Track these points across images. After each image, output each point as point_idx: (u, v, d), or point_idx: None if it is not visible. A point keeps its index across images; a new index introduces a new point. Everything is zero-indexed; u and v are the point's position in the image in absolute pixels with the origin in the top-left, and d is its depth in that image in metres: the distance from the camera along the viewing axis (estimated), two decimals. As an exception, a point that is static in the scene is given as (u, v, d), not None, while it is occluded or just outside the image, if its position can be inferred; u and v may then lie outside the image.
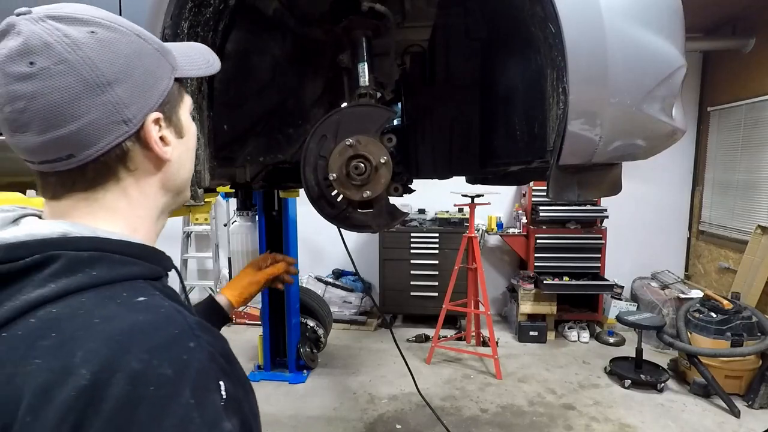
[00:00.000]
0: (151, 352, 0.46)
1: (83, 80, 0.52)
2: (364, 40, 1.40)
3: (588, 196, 1.35)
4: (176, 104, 0.63)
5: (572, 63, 1.06)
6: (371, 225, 1.28)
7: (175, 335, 0.49)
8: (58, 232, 0.52)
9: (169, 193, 0.65)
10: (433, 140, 2.04)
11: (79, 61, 0.52)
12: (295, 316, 3.75)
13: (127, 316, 0.48)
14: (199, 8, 1.14)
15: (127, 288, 0.52)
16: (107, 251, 0.53)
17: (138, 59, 0.57)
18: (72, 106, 0.52)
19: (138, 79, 0.56)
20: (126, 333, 0.47)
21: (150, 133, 0.58)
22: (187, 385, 0.46)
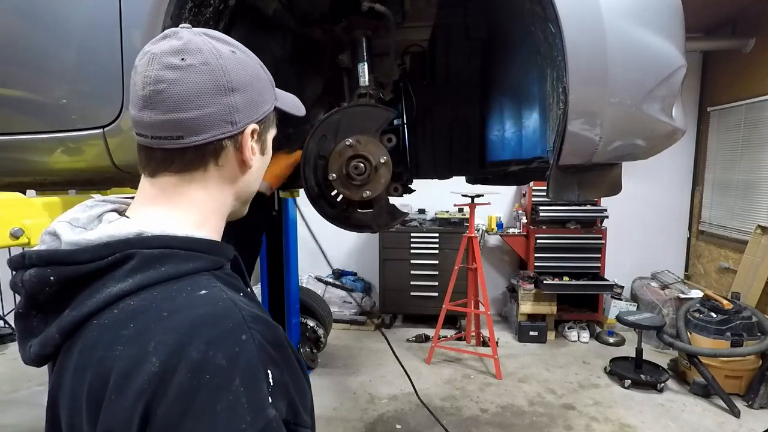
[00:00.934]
0: (209, 343, 0.53)
1: (215, 81, 0.64)
2: (364, 40, 1.40)
3: (588, 196, 1.35)
4: (269, 127, 0.75)
5: (572, 63, 1.06)
6: (371, 225, 1.28)
7: (230, 328, 0.56)
8: (134, 232, 0.61)
9: (239, 199, 0.74)
10: (433, 140, 2.04)
11: (218, 67, 0.64)
12: (295, 316, 3.74)
13: (191, 310, 0.56)
14: (199, 8, 1.14)
15: (191, 282, 0.60)
16: (174, 248, 0.61)
17: (257, 80, 0.70)
18: (199, 98, 0.63)
19: (252, 95, 0.69)
20: (188, 325, 0.54)
21: (246, 138, 0.69)
22: (238, 374, 0.53)
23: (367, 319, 5.00)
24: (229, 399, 0.51)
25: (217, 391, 0.51)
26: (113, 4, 1.04)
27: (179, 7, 1.07)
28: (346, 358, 4.22)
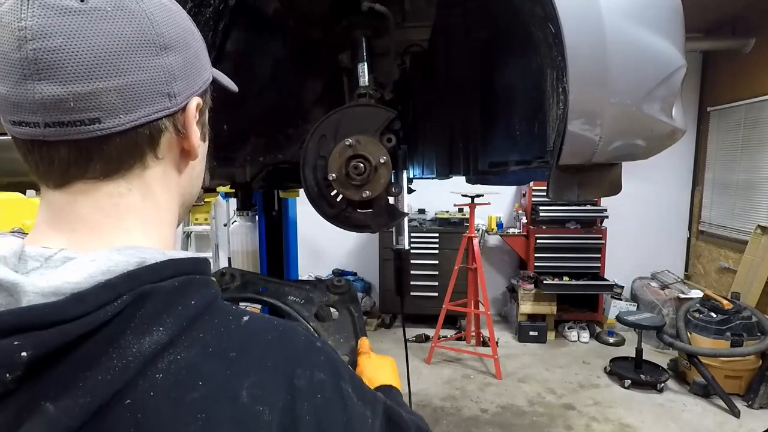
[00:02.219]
0: (303, 366, 0.46)
1: (141, 33, 0.43)
2: (364, 40, 1.40)
3: (588, 196, 1.35)
4: (207, 104, 0.55)
5: (572, 63, 1.06)
6: (371, 225, 1.28)
7: (304, 342, 0.49)
8: (134, 261, 0.42)
9: (184, 205, 0.56)
10: (433, 140, 2.04)
11: (141, 12, 0.44)
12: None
13: (256, 339, 0.45)
14: (199, 8, 1.14)
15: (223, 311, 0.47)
16: (188, 273, 0.45)
17: (192, 37, 0.50)
18: (121, 58, 0.42)
19: (190, 57, 0.49)
20: (272, 355, 0.45)
21: (190, 117, 0.49)
22: (339, 377, 0.48)
23: (367, 319, 5.01)
24: (346, 404, 0.47)
25: (333, 403, 0.46)
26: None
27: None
28: (346, 358, 4.22)
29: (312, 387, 0.45)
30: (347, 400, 0.47)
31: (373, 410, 0.50)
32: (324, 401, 0.45)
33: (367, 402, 0.50)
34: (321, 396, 0.45)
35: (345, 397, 0.47)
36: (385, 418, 0.52)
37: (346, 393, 0.48)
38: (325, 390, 0.46)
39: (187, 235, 5.32)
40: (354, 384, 0.50)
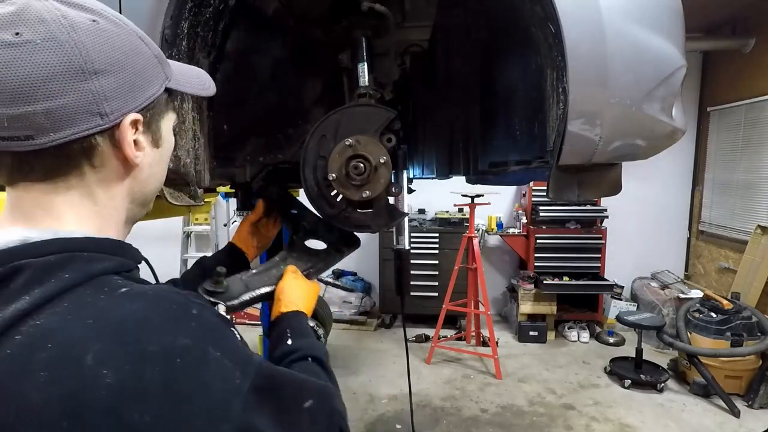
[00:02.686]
0: (161, 332, 0.48)
1: (68, 62, 0.50)
2: (364, 40, 1.40)
3: (588, 196, 1.35)
4: (161, 114, 0.62)
5: (572, 63, 1.06)
6: (370, 225, 1.28)
7: (174, 309, 0.51)
8: (16, 239, 0.50)
9: (135, 201, 0.63)
10: (433, 140, 2.04)
11: (71, 42, 0.50)
12: (295, 316, 3.74)
13: (120, 309, 0.49)
14: (199, 8, 1.14)
15: (104, 283, 0.51)
16: (75, 250, 0.52)
17: (133, 57, 0.56)
18: (46, 85, 0.49)
19: (127, 77, 0.55)
20: (129, 323, 0.48)
21: (124, 133, 0.55)
22: (208, 342, 0.51)
23: (367, 319, 5.00)
24: (210, 368, 0.49)
25: (196, 367, 0.48)
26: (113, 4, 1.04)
27: (179, 7, 1.06)
28: (346, 358, 4.22)
29: (169, 352, 0.47)
30: (212, 362, 0.49)
31: (244, 370, 0.52)
32: (183, 364, 0.47)
33: (239, 363, 0.52)
34: (181, 359, 0.47)
35: (209, 360, 0.49)
36: (261, 375, 0.54)
37: (213, 356, 0.50)
38: (186, 354, 0.48)
39: (187, 235, 5.32)
40: (227, 347, 0.52)
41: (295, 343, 0.84)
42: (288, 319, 0.94)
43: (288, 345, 0.84)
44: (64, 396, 0.43)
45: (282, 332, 0.89)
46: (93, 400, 0.43)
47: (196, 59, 1.20)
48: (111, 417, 0.43)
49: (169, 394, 0.46)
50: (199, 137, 1.26)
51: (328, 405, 0.65)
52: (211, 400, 0.48)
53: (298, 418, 0.58)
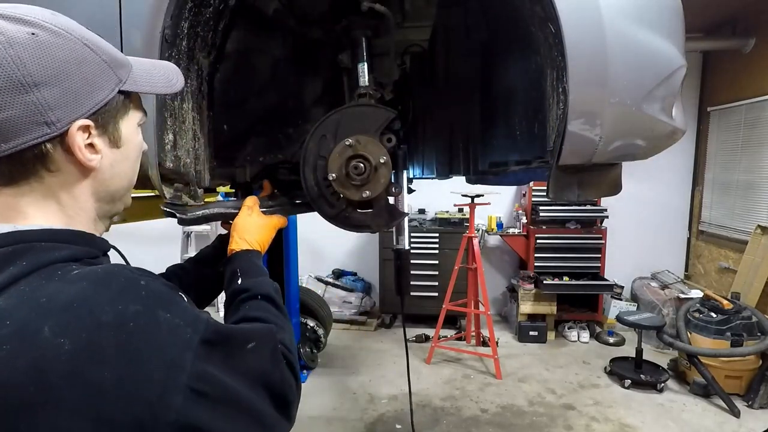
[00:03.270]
0: (112, 302, 0.52)
1: (7, 76, 0.52)
2: (364, 40, 1.40)
3: (588, 196, 1.35)
4: (117, 115, 0.64)
5: (572, 63, 1.06)
6: (370, 225, 1.28)
7: (123, 282, 0.55)
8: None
9: (102, 200, 0.66)
10: (433, 140, 2.04)
11: (8, 58, 0.52)
12: (295, 316, 3.75)
13: (73, 286, 0.53)
14: (199, 8, 1.14)
15: (58, 269, 0.55)
16: (30, 241, 0.56)
17: (76, 66, 0.58)
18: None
19: (70, 86, 0.57)
20: (80, 299, 0.52)
21: (74, 139, 0.58)
22: (158, 306, 0.55)
23: (367, 319, 5.00)
24: (162, 328, 0.54)
25: (148, 330, 0.53)
26: (113, 4, 1.04)
27: (179, 7, 1.06)
28: (346, 358, 4.22)
29: (122, 318, 0.52)
30: (163, 323, 0.54)
31: (194, 326, 0.57)
32: (136, 327, 0.52)
33: (188, 321, 0.57)
34: (133, 323, 0.52)
35: (160, 321, 0.54)
36: (209, 330, 0.58)
37: (162, 318, 0.54)
38: (138, 318, 0.52)
39: (187, 235, 5.32)
40: (176, 310, 0.57)
41: (244, 283, 0.89)
42: (238, 259, 0.97)
43: (239, 284, 0.89)
44: (28, 365, 0.47)
45: (233, 272, 0.93)
46: (55, 365, 0.47)
47: (196, 59, 1.20)
48: (74, 379, 0.47)
49: (126, 354, 0.50)
50: (199, 137, 1.26)
51: (271, 343, 0.69)
52: (166, 355, 0.53)
53: (243, 358, 0.62)
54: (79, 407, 0.47)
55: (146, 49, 1.02)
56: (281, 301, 0.89)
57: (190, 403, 0.53)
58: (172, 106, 1.12)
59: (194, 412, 0.53)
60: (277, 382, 0.66)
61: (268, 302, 0.85)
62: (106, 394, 0.48)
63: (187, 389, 0.53)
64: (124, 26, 1.04)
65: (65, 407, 0.47)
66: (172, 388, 0.52)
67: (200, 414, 0.54)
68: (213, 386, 0.56)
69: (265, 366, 0.65)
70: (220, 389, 0.56)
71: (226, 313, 0.88)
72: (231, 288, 0.90)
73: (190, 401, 0.53)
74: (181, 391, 0.52)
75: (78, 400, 0.48)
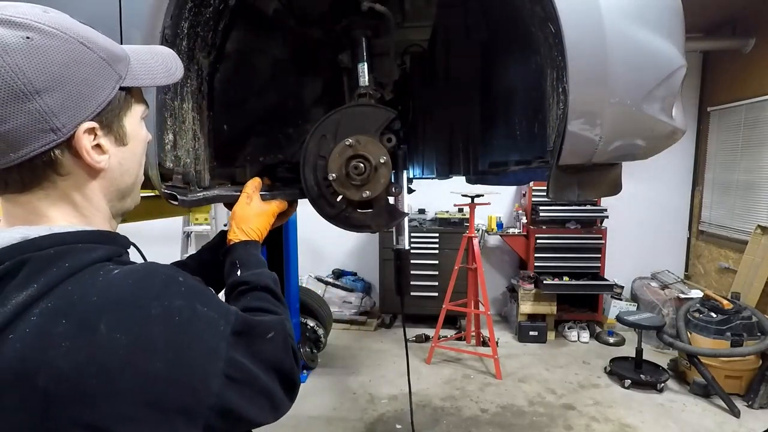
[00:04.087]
0: (158, 298, 0.57)
1: (7, 86, 0.51)
2: (364, 40, 1.39)
3: (588, 196, 1.35)
4: (120, 112, 0.63)
5: (572, 63, 1.06)
6: (371, 225, 1.28)
7: (164, 279, 0.60)
8: (17, 237, 0.56)
9: (113, 199, 0.67)
10: (433, 140, 2.04)
11: (5, 67, 0.51)
12: (295, 316, 3.75)
13: (119, 285, 0.56)
14: (199, 8, 1.14)
15: (100, 268, 0.58)
16: (69, 243, 0.58)
17: (75, 68, 0.56)
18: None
19: (72, 89, 0.56)
20: (129, 295, 0.55)
21: (81, 142, 0.58)
22: (197, 301, 0.61)
23: (367, 319, 5.00)
24: (201, 321, 0.59)
25: (190, 323, 0.58)
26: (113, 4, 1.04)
27: (179, 7, 1.06)
28: (346, 358, 4.22)
29: (168, 312, 0.57)
30: (201, 316, 0.60)
31: (226, 318, 0.63)
32: (181, 320, 0.57)
33: (221, 314, 0.63)
34: (179, 317, 0.57)
35: (199, 315, 0.60)
36: (238, 321, 0.65)
37: (201, 311, 0.60)
38: (182, 312, 0.58)
39: (187, 235, 5.32)
40: (210, 303, 0.63)
41: (243, 275, 0.92)
42: (237, 251, 0.99)
43: (238, 276, 0.92)
44: (88, 359, 0.50)
45: (232, 263, 0.96)
46: (113, 358, 0.51)
47: (196, 59, 1.20)
48: (130, 369, 0.52)
49: (173, 345, 0.55)
50: (199, 137, 1.26)
51: (284, 333, 0.75)
52: (206, 344, 0.59)
53: (264, 347, 0.69)
54: (134, 395, 0.52)
55: (146, 49, 1.02)
56: (280, 292, 0.93)
57: (225, 388, 0.59)
58: (172, 106, 1.12)
59: (228, 395, 0.59)
60: (287, 367, 0.73)
61: (268, 293, 0.89)
62: (158, 381, 0.53)
63: (223, 375, 0.59)
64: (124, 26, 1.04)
65: (123, 396, 0.51)
66: (212, 374, 0.58)
67: (232, 396, 0.60)
68: (241, 372, 0.62)
69: (279, 354, 0.72)
70: (246, 374, 0.63)
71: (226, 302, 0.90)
72: (230, 279, 0.93)
73: (224, 386, 0.59)
74: (219, 377, 0.59)
75: (134, 388, 0.52)
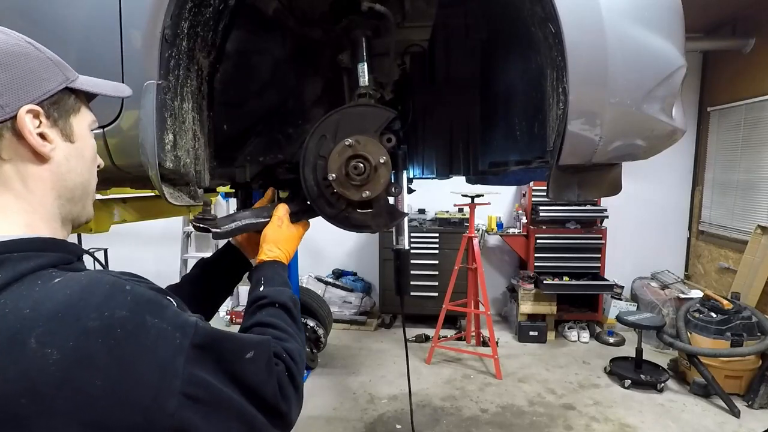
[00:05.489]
0: (98, 308, 0.52)
1: None
2: (364, 40, 1.39)
3: (588, 196, 1.35)
4: (69, 111, 0.66)
5: (572, 63, 1.06)
6: (370, 225, 1.28)
7: (108, 288, 0.55)
8: None
9: (62, 197, 0.65)
10: (433, 140, 2.04)
11: None
12: (295, 316, 3.74)
13: (55, 295, 0.52)
14: (199, 8, 1.14)
15: (38, 277, 0.55)
16: (6, 252, 0.55)
17: (22, 58, 0.60)
18: None
19: (17, 73, 0.59)
20: (65, 307, 0.51)
21: (23, 122, 0.59)
22: (145, 311, 0.55)
23: (367, 319, 5.00)
24: (151, 333, 0.54)
25: (136, 335, 0.53)
26: (113, 4, 1.04)
27: (179, 7, 1.06)
28: (346, 358, 4.22)
29: (109, 324, 0.51)
30: (151, 328, 0.54)
31: (183, 331, 0.57)
32: (124, 333, 0.52)
33: (177, 326, 0.57)
34: (121, 329, 0.52)
35: (149, 327, 0.54)
36: (199, 334, 0.58)
37: (152, 323, 0.54)
38: (125, 324, 0.52)
39: (187, 235, 5.32)
40: (164, 314, 0.57)
41: (265, 290, 0.92)
42: (264, 268, 1.01)
43: (260, 291, 0.92)
44: (17, 377, 0.47)
45: (257, 280, 0.97)
46: (44, 376, 0.47)
47: (196, 59, 1.20)
48: (65, 387, 0.48)
49: (115, 360, 0.50)
50: (199, 137, 1.26)
51: (267, 353, 0.69)
52: (157, 359, 0.53)
53: (240, 367, 0.63)
54: (72, 415, 0.48)
55: (146, 49, 1.02)
56: (298, 313, 0.91)
57: (184, 408, 0.53)
58: (172, 106, 1.12)
59: (188, 417, 0.54)
60: (269, 392, 0.67)
61: (284, 311, 0.88)
62: (98, 400, 0.49)
63: (180, 394, 0.53)
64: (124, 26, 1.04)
65: (58, 416, 0.47)
66: (166, 392, 0.52)
67: (194, 419, 0.54)
68: (206, 390, 0.57)
69: (260, 376, 0.66)
70: (212, 394, 0.57)
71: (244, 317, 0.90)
72: (252, 295, 0.93)
73: (184, 406, 0.53)
74: (175, 396, 0.53)
75: (70, 408, 0.48)
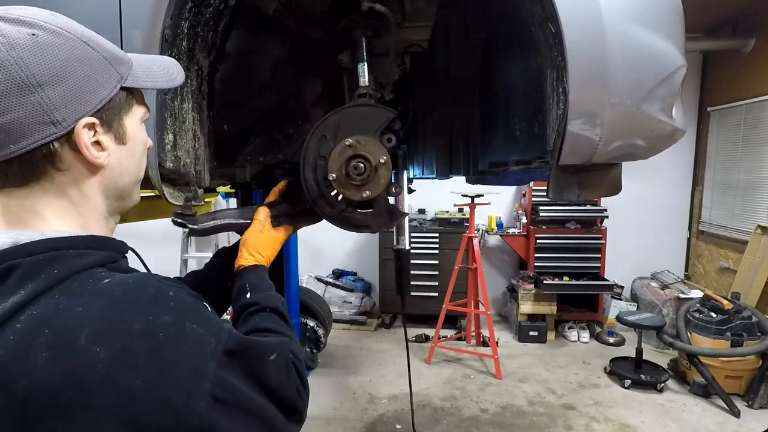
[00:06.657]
0: (144, 312, 0.55)
1: (10, 78, 0.53)
2: (364, 40, 1.39)
3: (588, 196, 1.35)
4: (121, 112, 0.65)
5: (572, 63, 1.06)
6: (371, 225, 1.28)
7: (154, 293, 0.58)
8: (8, 242, 0.56)
9: (111, 197, 0.67)
10: (433, 140, 2.04)
11: (10, 60, 0.54)
12: (295, 316, 3.74)
13: (106, 295, 0.55)
14: (199, 8, 1.14)
15: (90, 276, 0.57)
16: (60, 249, 0.57)
17: (78, 65, 0.59)
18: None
19: (74, 84, 0.58)
20: (113, 308, 0.54)
21: (80, 137, 0.59)
22: (186, 317, 0.58)
23: (367, 319, 5.00)
24: (189, 338, 0.56)
25: (177, 340, 0.55)
26: (113, 4, 1.04)
27: (179, 7, 1.07)
28: (346, 358, 4.22)
29: (153, 328, 0.54)
30: (190, 333, 0.57)
31: (218, 337, 0.59)
32: (167, 337, 0.55)
33: (213, 332, 0.59)
34: (163, 334, 0.54)
35: (188, 332, 0.57)
36: (231, 341, 0.61)
37: (190, 328, 0.57)
38: (167, 329, 0.55)
39: (188, 235, 5.32)
40: (201, 320, 0.60)
41: (253, 297, 0.93)
42: (248, 274, 1.01)
43: (247, 298, 0.93)
44: (66, 371, 0.50)
45: (242, 287, 0.97)
46: (91, 372, 0.50)
47: (196, 59, 1.20)
48: (109, 384, 0.50)
49: (156, 362, 0.53)
50: (199, 137, 1.26)
51: (287, 355, 0.72)
52: (192, 363, 0.55)
53: (265, 370, 0.65)
54: (112, 411, 0.50)
55: (146, 49, 1.02)
56: (288, 314, 0.93)
57: (211, 409, 0.55)
58: (172, 106, 1.12)
59: (214, 418, 0.56)
60: (289, 392, 0.69)
61: (276, 315, 0.89)
62: (137, 399, 0.51)
63: (209, 396, 0.55)
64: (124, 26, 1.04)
65: (100, 411, 0.50)
66: (196, 394, 0.55)
67: (219, 419, 0.56)
68: (232, 393, 0.59)
69: (280, 377, 0.68)
70: (237, 397, 0.59)
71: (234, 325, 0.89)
72: (240, 302, 0.93)
73: (211, 407, 0.55)
74: (204, 398, 0.55)
75: (112, 404, 0.50)
